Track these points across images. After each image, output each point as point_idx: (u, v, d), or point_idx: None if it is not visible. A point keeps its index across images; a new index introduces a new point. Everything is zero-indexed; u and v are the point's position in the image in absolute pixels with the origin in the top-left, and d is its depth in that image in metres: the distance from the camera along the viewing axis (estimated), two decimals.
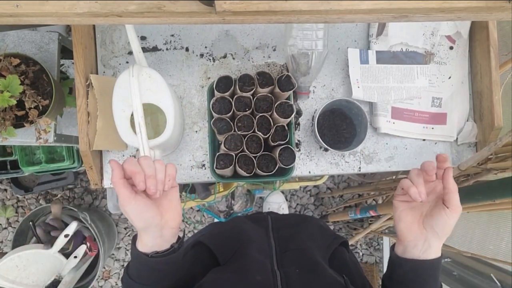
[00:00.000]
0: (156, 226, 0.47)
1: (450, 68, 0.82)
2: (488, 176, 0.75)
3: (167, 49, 0.80)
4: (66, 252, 1.32)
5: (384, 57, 0.80)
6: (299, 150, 0.80)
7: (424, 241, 0.50)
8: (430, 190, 0.52)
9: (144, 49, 0.79)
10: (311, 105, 0.81)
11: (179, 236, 0.51)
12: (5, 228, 1.68)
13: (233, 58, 0.81)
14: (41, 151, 1.26)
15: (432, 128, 0.81)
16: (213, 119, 0.67)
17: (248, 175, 0.68)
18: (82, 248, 1.33)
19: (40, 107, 0.70)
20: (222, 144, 0.67)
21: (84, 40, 0.72)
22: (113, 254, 1.73)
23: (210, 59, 0.81)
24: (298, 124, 0.80)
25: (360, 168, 0.81)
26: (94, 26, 0.78)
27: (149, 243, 0.47)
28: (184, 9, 0.43)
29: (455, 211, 0.48)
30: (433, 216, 0.50)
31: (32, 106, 0.68)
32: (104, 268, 1.74)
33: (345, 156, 0.81)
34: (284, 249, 0.59)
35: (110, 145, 0.74)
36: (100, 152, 0.78)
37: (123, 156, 0.78)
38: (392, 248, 0.55)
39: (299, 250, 0.58)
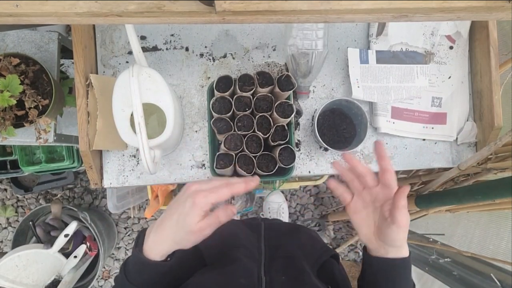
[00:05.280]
0: None
1: (450, 67, 0.82)
2: (488, 176, 0.75)
3: (167, 49, 0.80)
4: (66, 252, 1.32)
5: (384, 57, 0.80)
6: (299, 150, 0.80)
7: (384, 250, 0.50)
8: (373, 198, 0.51)
9: (144, 49, 0.79)
10: (311, 105, 0.81)
11: None
12: (5, 228, 1.68)
13: (233, 58, 0.81)
14: (41, 151, 1.26)
15: (432, 128, 0.81)
16: (213, 119, 0.67)
17: (248, 175, 0.68)
18: (82, 248, 1.33)
19: (40, 107, 0.70)
20: (222, 144, 0.67)
21: (84, 40, 0.72)
22: (113, 254, 1.73)
23: (210, 59, 0.80)
24: (298, 124, 0.80)
25: None
26: (94, 26, 0.78)
27: (166, 254, 0.46)
28: (184, 9, 0.43)
29: (401, 227, 0.47)
30: (382, 233, 0.49)
31: (32, 106, 0.68)
32: (104, 267, 1.74)
33: None
34: (273, 256, 0.60)
35: (110, 145, 0.74)
36: (100, 152, 0.78)
37: (123, 156, 0.78)
38: (364, 248, 0.55)
39: (288, 258, 0.58)
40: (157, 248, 0.45)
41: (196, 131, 0.79)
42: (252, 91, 0.68)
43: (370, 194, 0.52)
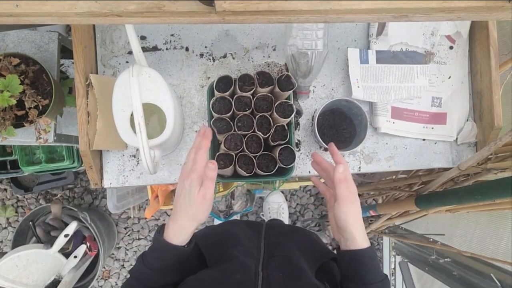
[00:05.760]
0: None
1: (450, 67, 0.82)
2: (488, 176, 0.75)
3: (167, 48, 0.80)
4: (66, 252, 1.32)
5: (384, 57, 0.80)
6: (299, 150, 0.80)
7: (343, 238, 0.53)
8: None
9: (144, 49, 0.79)
10: (311, 105, 0.81)
11: None
12: (5, 228, 1.69)
13: (233, 58, 0.81)
14: (41, 151, 1.26)
15: (432, 128, 0.81)
16: (213, 119, 0.67)
17: (248, 175, 0.68)
18: (82, 248, 1.33)
19: (40, 107, 0.70)
20: (222, 144, 0.67)
21: (84, 40, 0.72)
22: (113, 254, 1.73)
23: (210, 59, 0.80)
24: (298, 124, 0.80)
25: (360, 168, 0.81)
26: (94, 25, 0.78)
27: (188, 235, 0.50)
28: (184, 9, 0.43)
29: (340, 202, 0.50)
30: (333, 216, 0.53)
31: (32, 106, 0.68)
32: (104, 268, 1.74)
33: (345, 156, 0.81)
34: (272, 254, 0.61)
35: (110, 145, 0.74)
36: (100, 152, 0.78)
37: (123, 156, 0.78)
38: (338, 247, 0.58)
39: (286, 257, 0.59)
40: (178, 232, 0.50)
41: (196, 131, 0.79)
42: (252, 91, 0.68)
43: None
